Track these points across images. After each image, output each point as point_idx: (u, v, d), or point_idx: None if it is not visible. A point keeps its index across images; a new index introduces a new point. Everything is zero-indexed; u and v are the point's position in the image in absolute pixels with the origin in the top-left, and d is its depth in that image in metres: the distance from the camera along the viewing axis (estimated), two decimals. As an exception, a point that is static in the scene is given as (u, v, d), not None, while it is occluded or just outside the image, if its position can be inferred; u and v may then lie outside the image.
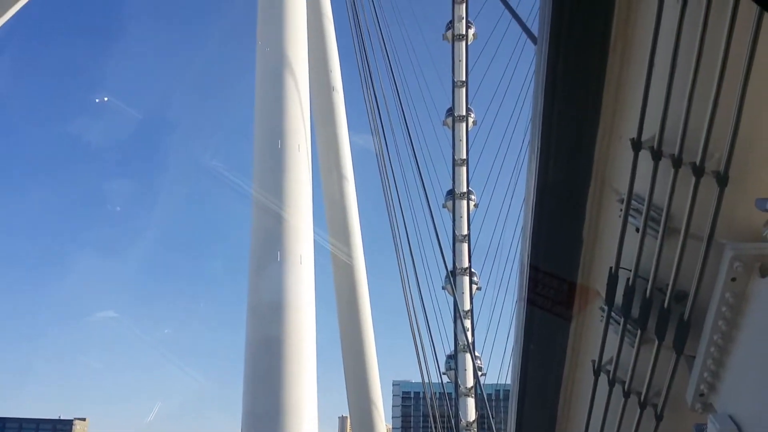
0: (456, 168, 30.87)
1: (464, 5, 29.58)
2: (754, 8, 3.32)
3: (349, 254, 21.51)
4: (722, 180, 3.77)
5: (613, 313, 4.74)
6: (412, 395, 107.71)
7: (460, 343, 28.62)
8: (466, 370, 29.50)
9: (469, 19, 29.71)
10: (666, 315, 4.28)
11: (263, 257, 15.02)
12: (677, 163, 3.95)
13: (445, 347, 29.05)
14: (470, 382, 29.27)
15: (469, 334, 29.45)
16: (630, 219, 4.39)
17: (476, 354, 29.00)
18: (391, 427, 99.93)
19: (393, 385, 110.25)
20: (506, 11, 8.54)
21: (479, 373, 27.90)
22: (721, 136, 3.68)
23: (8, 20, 16.66)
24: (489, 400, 28.74)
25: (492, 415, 25.18)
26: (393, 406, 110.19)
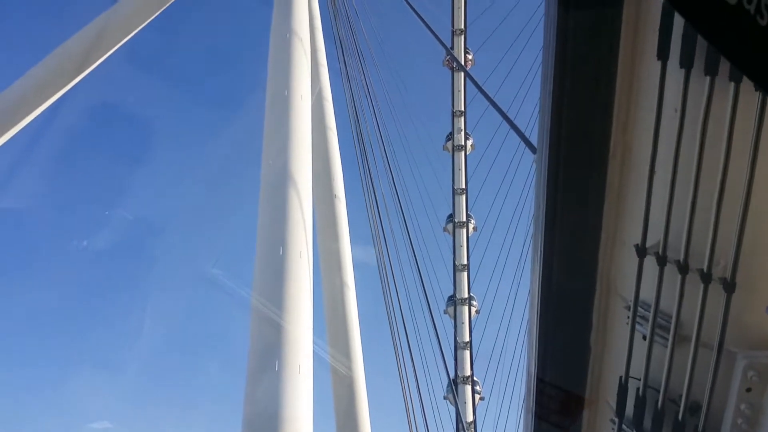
0: (457, 273, 30.83)
1: (462, 118, 30.56)
2: (754, 115, 3.40)
3: (349, 366, 21.00)
4: (730, 287, 3.72)
5: (624, 426, 4.55)
6: None
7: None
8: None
9: (467, 130, 30.64)
10: (680, 428, 4.10)
11: (260, 366, 14.62)
12: (683, 269, 3.91)
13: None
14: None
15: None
16: (637, 326, 4.30)
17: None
18: None
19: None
20: (504, 121, 8.78)
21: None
22: (727, 242, 3.67)
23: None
24: None
25: None
26: None
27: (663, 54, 3.72)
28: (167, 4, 17.14)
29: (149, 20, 16.94)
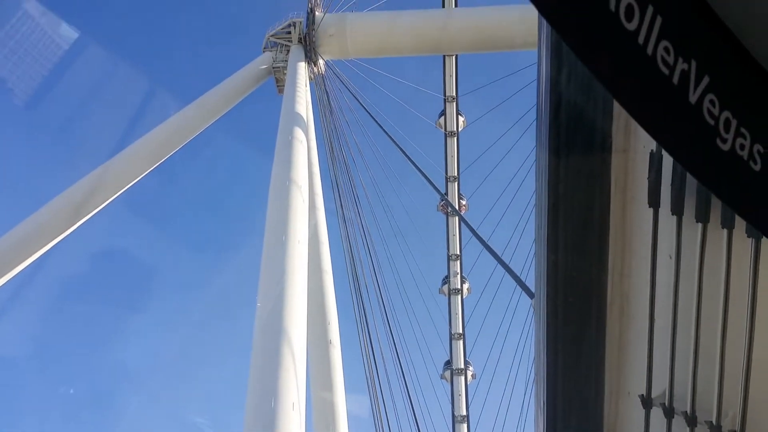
0: (456, 425, 29.58)
1: (458, 262, 30.78)
2: (749, 260, 3.37)
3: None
4: None
5: None
6: None
7: None
8: None
9: (463, 274, 30.75)
10: None
11: None
12: (692, 421, 3.73)
13: None
14: None
15: None
16: None
17: None
18: None
19: None
20: (500, 266, 8.78)
21: None
22: (734, 391, 3.52)
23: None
24: None
25: None
26: None
27: (654, 201, 3.77)
28: (164, 158, 17.72)
29: (147, 172, 17.46)
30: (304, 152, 16.52)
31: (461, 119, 26.30)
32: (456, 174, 27.96)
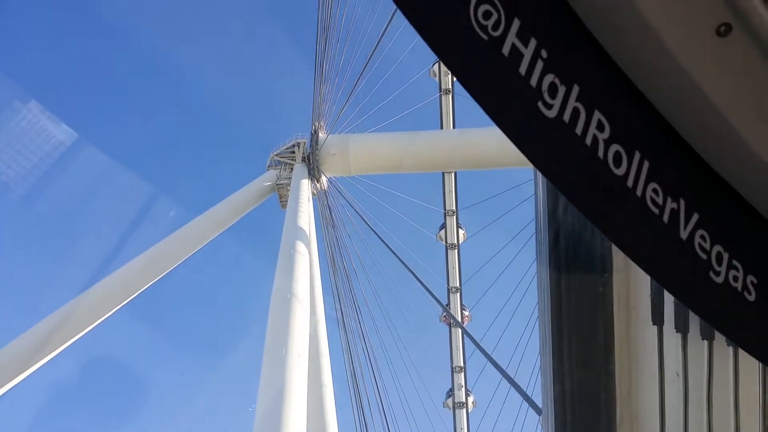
0: None
1: (462, 374, 30.17)
2: (757, 376, 3.38)
3: None
4: None
5: None
6: None
7: None
8: None
9: (468, 387, 30.03)
10: None
11: None
12: None
13: None
14: None
15: None
16: None
17: None
18: None
19: None
20: (505, 380, 8.65)
21: None
22: None
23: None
24: None
25: None
26: None
27: (658, 319, 3.81)
28: (171, 269, 17.83)
29: (152, 282, 17.51)
30: (305, 265, 16.68)
31: (461, 232, 26.68)
32: (458, 285, 27.98)
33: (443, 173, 25.40)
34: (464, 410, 29.56)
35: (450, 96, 24.32)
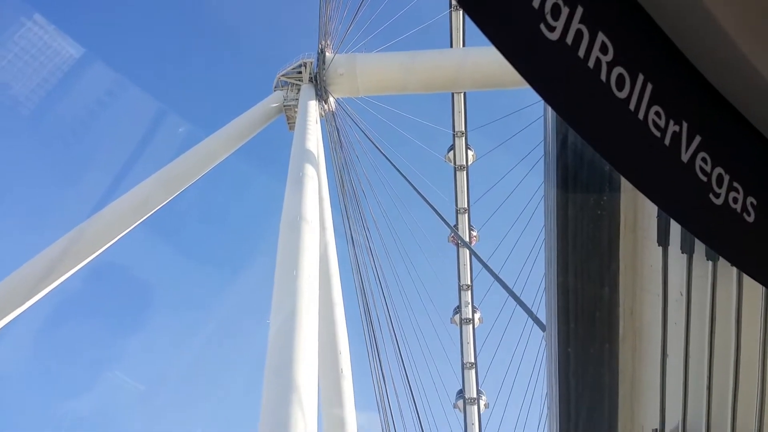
0: (470, 459, 29.27)
1: (469, 292, 30.74)
2: (760, 295, 3.46)
3: None
4: None
5: None
6: None
7: None
8: None
9: (474, 304, 30.67)
10: None
11: None
12: None
13: None
14: None
15: None
16: None
17: None
18: None
19: None
20: (511, 298, 8.85)
21: None
22: (747, 427, 3.58)
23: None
24: None
25: None
26: None
27: (663, 240, 3.87)
28: (177, 193, 17.95)
29: (160, 206, 17.69)
30: (314, 187, 16.76)
31: (470, 153, 26.54)
32: (466, 206, 28.09)
33: (452, 94, 25.02)
34: (471, 326, 30.31)
35: (461, 12, 23.65)
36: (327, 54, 21.69)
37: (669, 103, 2.23)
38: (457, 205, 27.98)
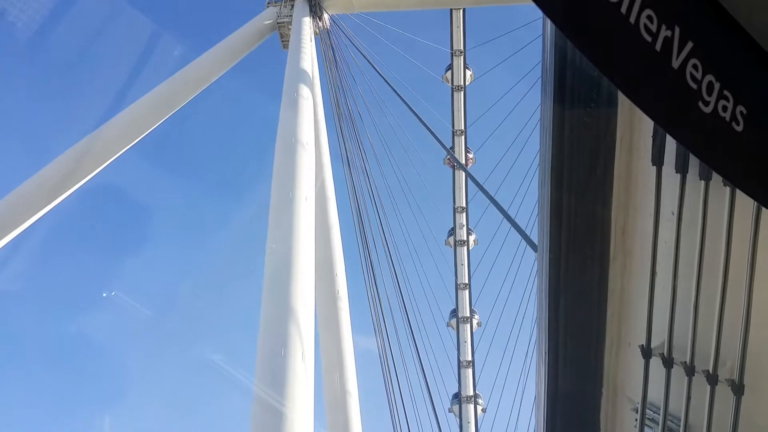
0: (462, 370, 30.22)
1: (464, 214, 30.94)
2: (751, 215, 3.48)
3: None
4: (738, 388, 3.69)
5: None
6: None
7: None
8: None
9: (469, 226, 30.93)
10: None
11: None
12: (690, 371, 3.89)
13: None
14: None
15: None
16: (646, 429, 4.23)
17: None
18: None
19: None
20: (505, 219, 8.93)
21: None
22: (732, 342, 3.67)
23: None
24: None
25: None
26: None
27: (658, 160, 3.85)
28: (168, 115, 17.73)
29: (151, 129, 17.51)
30: (309, 109, 16.54)
31: (468, 73, 26.08)
32: (462, 128, 27.87)
33: (451, 10, 24.33)
34: (465, 248, 30.67)
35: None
36: (321, -33, 20.99)
37: (662, 7, 2.17)
38: (453, 126, 27.76)
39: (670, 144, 3.77)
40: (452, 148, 27.51)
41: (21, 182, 16.82)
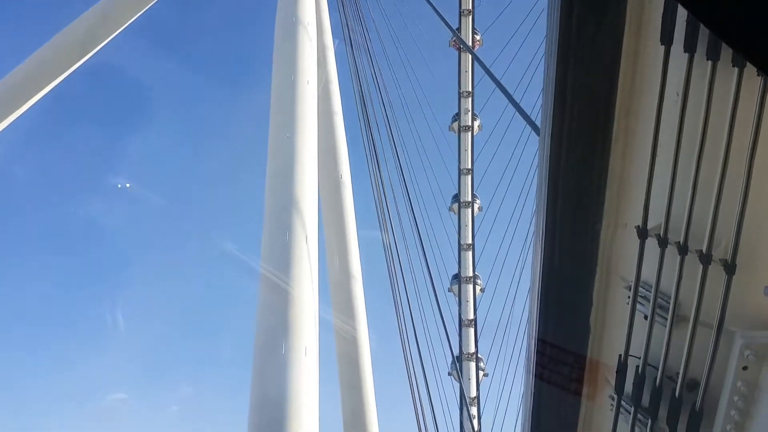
0: (462, 253, 30.97)
1: (470, 99, 30.52)
2: (756, 99, 3.44)
3: (354, 325, 21.31)
4: (730, 268, 3.79)
5: (623, 402, 4.65)
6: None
7: (466, 431, 27.77)
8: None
9: (474, 111, 30.60)
10: (677, 404, 4.20)
11: (267, 349, 14.84)
12: (683, 250, 3.98)
13: (452, 435, 28.20)
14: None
15: (475, 422, 28.58)
16: (638, 306, 4.38)
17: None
18: None
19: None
20: (510, 104, 8.82)
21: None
22: (728, 224, 3.73)
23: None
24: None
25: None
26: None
27: (667, 39, 3.76)
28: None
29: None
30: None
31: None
32: (470, 7, 26.92)
33: None
34: (469, 133, 30.49)
35: None
36: None
37: None
38: (460, 6, 26.80)
39: (680, 22, 3.67)
40: (458, 29, 26.70)
41: (19, 63, 16.55)
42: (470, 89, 30.35)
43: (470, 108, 30.77)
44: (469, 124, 30.57)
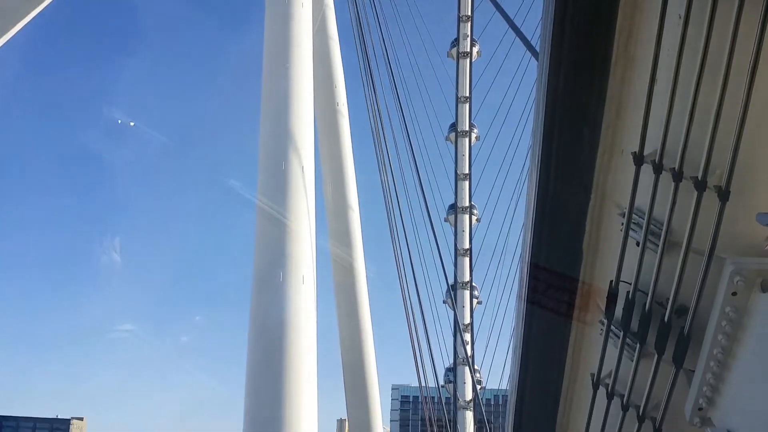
0: (458, 182, 30.96)
1: (469, 24, 29.87)
2: (756, 25, 3.35)
3: (350, 254, 21.59)
4: (724, 195, 3.78)
5: (612, 327, 4.74)
6: (411, 399, 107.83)
7: (460, 356, 28.56)
8: (465, 383, 29.39)
9: (474, 37, 29.97)
10: (666, 329, 4.28)
11: (266, 277, 15.07)
12: (678, 177, 3.96)
13: (445, 360, 29.04)
14: (469, 396, 29.13)
15: (468, 348, 29.37)
16: (631, 233, 4.40)
17: (475, 368, 28.91)
18: (389, 430, 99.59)
19: (392, 389, 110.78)
20: (510, 29, 8.63)
21: (478, 387, 27.82)
22: (723, 151, 3.69)
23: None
24: (488, 405, 28.54)
25: (490, 421, 24.95)
26: (392, 410, 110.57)
27: None
28: None
29: None
30: None
31: None
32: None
33: None
34: (468, 60, 29.96)
35: None
36: None
37: None
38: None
39: None
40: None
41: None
42: (469, 13, 29.62)
43: (469, 33, 30.13)
44: (468, 50, 30.01)
